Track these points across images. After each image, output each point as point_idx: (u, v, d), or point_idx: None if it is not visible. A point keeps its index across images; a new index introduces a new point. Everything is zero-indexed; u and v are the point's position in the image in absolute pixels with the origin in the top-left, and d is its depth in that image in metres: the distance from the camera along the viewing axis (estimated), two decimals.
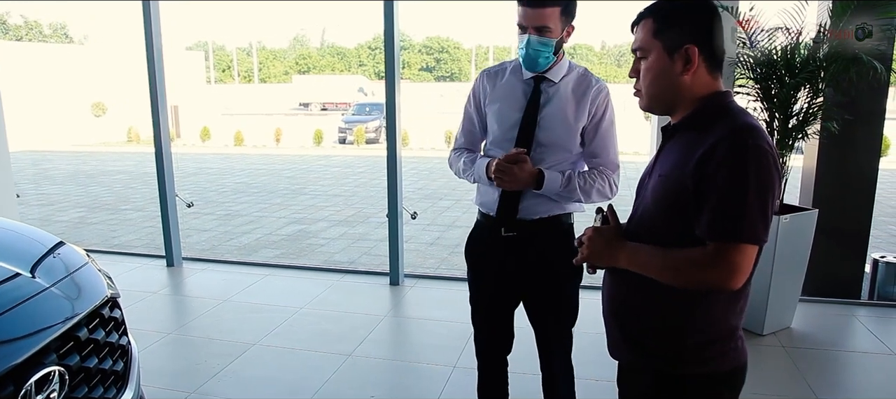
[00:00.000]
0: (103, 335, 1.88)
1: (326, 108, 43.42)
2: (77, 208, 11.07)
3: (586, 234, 1.62)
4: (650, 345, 1.57)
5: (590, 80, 2.29)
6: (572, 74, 2.30)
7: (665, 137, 1.60)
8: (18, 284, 1.76)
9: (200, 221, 9.46)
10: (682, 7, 1.51)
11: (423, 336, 4.27)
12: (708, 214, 1.39)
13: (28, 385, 1.47)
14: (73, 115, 28.84)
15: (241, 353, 3.90)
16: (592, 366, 3.60)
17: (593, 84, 2.28)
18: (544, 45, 2.17)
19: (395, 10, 4.76)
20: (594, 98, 2.26)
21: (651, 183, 1.57)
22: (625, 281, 1.57)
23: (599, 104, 2.27)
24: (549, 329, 2.46)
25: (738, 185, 1.37)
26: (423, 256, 7.31)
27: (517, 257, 2.34)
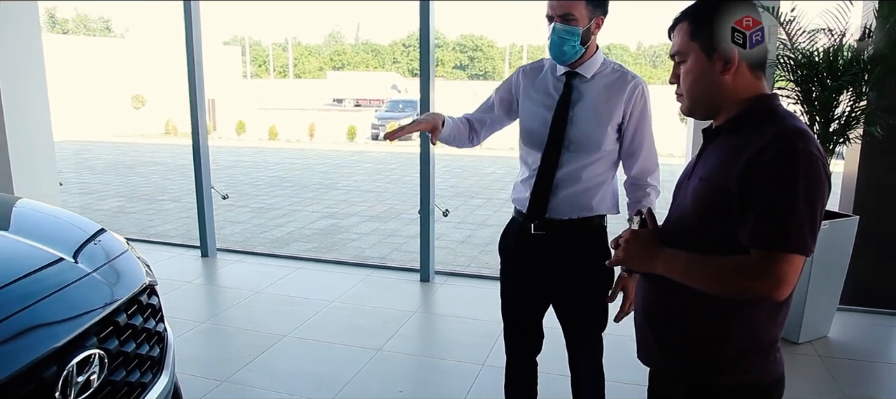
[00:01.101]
0: (141, 321, 1.91)
1: (360, 105, 43.68)
2: (116, 198, 11.30)
3: (624, 237, 1.58)
4: (685, 352, 1.54)
5: (625, 77, 2.24)
6: (607, 70, 2.26)
7: (706, 140, 1.57)
8: (62, 269, 1.81)
9: (235, 214, 9.59)
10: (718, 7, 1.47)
11: (452, 333, 4.28)
12: (754, 221, 1.35)
13: (70, 366, 1.51)
14: (113, 106, 29.48)
15: (273, 344, 3.95)
16: (624, 368, 3.57)
17: (629, 80, 2.23)
18: (569, 34, 2.13)
19: (431, 10, 4.78)
20: (631, 95, 2.21)
21: (691, 186, 1.53)
22: (660, 285, 1.53)
23: (637, 101, 2.22)
24: (578, 332, 2.44)
25: (787, 192, 1.32)
26: (453, 254, 7.32)
27: (546, 257, 2.32)
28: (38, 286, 1.69)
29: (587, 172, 2.23)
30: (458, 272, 5.56)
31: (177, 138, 25.05)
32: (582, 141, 2.21)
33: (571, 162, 2.22)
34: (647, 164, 2.30)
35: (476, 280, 5.27)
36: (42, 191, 5.23)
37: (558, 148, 2.22)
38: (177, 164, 16.10)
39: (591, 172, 2.24)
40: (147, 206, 10.50)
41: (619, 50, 77.31)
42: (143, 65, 32.20)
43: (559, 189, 2.24)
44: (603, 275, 2.33)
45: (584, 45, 2.18)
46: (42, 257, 1.84)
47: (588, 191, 2.25)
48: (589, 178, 2.24)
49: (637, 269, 1.61)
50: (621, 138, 2.27)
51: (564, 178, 2.23)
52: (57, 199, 5.60)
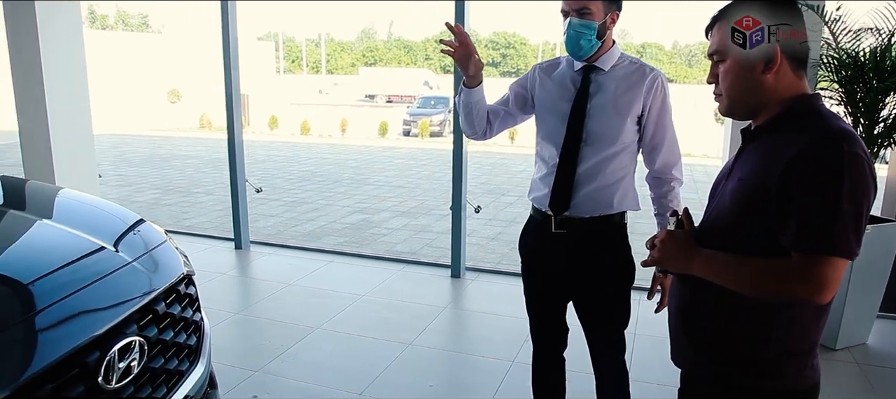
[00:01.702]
0: (179, 310, 1.94)
1: (392, 101, 43.78)
2: (152, 190, 11.50)
3: (659, 237, 1.55)
4: (721, 355, 1.51)
5: (643, 70, 2.23)
6: (624, 63, 2.25)
7: (745, 140, 1.54)
8: (104, 257, 1.84)
9: (267, 207, 9.69)
10: None
11: (482, 329, 4.28)
12: (796, 224, 1.31)
13: (112, 352, 1.54)
14: (150, 100, 30.02)
15: (304, 336, 3.98)
16: (655, 369, 3.55)
17: (647, 73, 2.22)
18: (585, 27, 2.13)
19: (466, 9, 4.79)
20: (649, 88, 2.20)
21: (729, 187, 1.50)
22: (695, 287, 1.50)
23: (657, 94, 2.21)
24: (600, 330, 2.42)
25: (831, 194, 1.28)
26: (484, 251, 7.31)
27: (568, 254, 2.31)
28: (80, 274, 1.73)
29: (608, 167, 2.22)
30: (489, 269, 5.55)
31: (211, 132, 25.38)
32: (601, 134, 2.20)
33: (591, 156, 2.21)
34: (670, 156, 2.29)
35: (507, 277, 5.26)
36: (82, 182, 5.34)
37: (577, 142, 2.22)
38: (211, 158, 16.32)
39: (612, 167, 2.23)
40: (182, 198, 10.66)
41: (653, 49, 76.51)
42: (180, 60, 32.76)
43: (580, 186, 2.23)
44: (624, 273, 2.33)
45: (600, 40, 2.18)
46: (84, 246, 1.88)
47: (609, 187, 2.24)
48: (610, 174, 2.23)
49: (673, 270, 1.57)
50: (642, 132, 2.26)
51: (585, 173, 2.22)
52: (96, 190, 5.72)
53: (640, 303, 4.42)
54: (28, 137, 5.26)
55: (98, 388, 1.50)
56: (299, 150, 19.15)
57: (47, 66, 5.05)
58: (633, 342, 3.84)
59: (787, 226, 1.33)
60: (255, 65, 33.13)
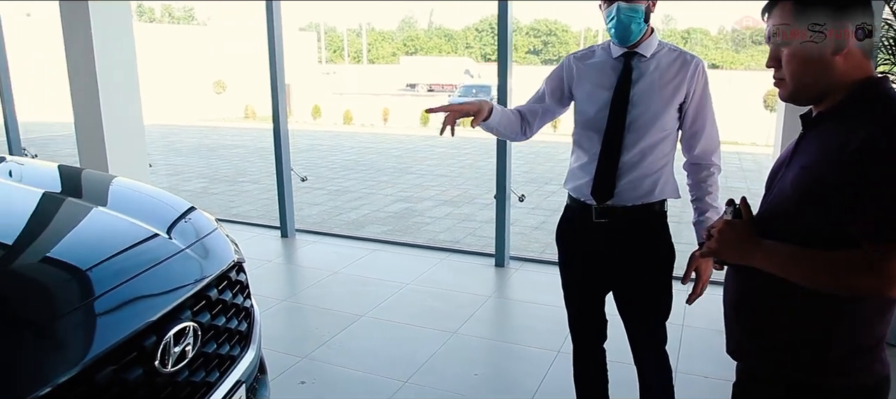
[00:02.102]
0: (230, 296, 1.97)
1: (433, 90, 43.85)
2: (200, 179, 11.73)
3: (716, 227, 1.49)
4: (784, 351, 1.45)
5: (685, 57, 2.22)
6: (664, 50, 2.23)
7: (806, 127, 1.47)
8: (158, 244, 1.88)
9: (312, 196, 9.80)
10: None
11: (527, 319, 4.26)
12: (867, 214, 1.25)
13: (167, 337, 1.57)
14: (196, 92, 30.62)
15: (350, 323, 4.02)
16: (702, 362, 3.49)
17: (689, 60, 2.21)
18: (634, 11, 2.11)
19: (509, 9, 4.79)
20: (693, 74, 2.19)
21: (790, 175, 1.43)
22: (753, 279, 1.44)
23: (699, 80, 2.20)
24: (641, 321, 2.39)
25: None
26: (527, 240, 7.27)
27: (608, 244, 2.28)
28: (136, 260, 1.77)
29: (651, 155, 2.21)
30: (533, 258, 5.52)
31: (255, 122, 25.77)
32: (645, 121, 2.18)
33: (634, 144, 2.19)
34: (709, 143, 2.27)
35: (551, 266, 5.22)
36: (134, 171, 5.47)
37: (620, 130, 2.19)
38: (256, 148, 16.56)
39: (655, 155, 2.21)
40: (228, 187, 10.85)
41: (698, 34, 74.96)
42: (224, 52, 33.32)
43: (623, 174, 2.21)
44: (665, 261, 2.31)
45: (647, 24, 2.17)
46: (139, 233, 1.93)
47: (652, 175, 2.22)
48: (652, 161, 2.21)
49: (730, 262, 1.51)
50: (682, 119, 2.24)
51: (628, 161, 2.20)
52: (147, 179, 5.85)
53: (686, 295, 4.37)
54: (83, 129, 5.41)
55: (155, 371, 1.53)
56: (342, 140, 19.31)
57: (100, 61, 5.20)
58: (681, 334, 3.78)
59: (857, 215, 1.27)
60: (298, 55, 33.51)
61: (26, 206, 2.03)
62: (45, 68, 17.99)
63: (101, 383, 1.39)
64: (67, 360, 1.37)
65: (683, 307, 4.17)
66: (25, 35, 21.84)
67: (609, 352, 2.59)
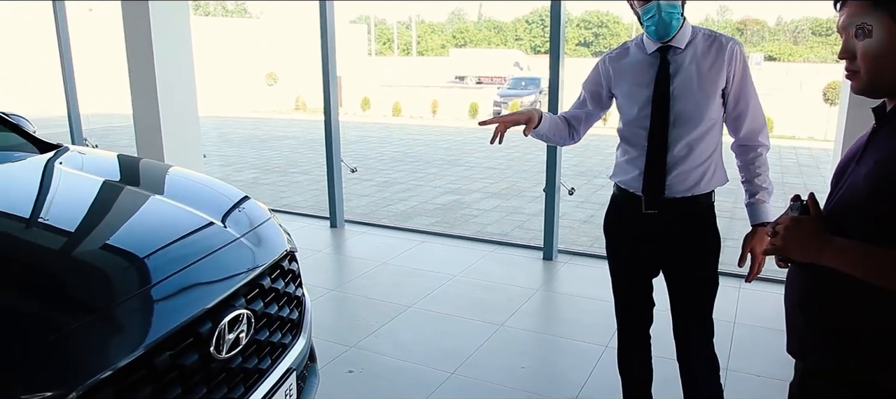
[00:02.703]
0: (282, 285, 2.01)
1: (482, 82, 43.75)
2: (251, 169, 11.97)
3: (783, 224, 1.43)
4: (852, 351, 1.39)
5: (720, 40, 2.18)
6: (699, 37, 2.19)
7: (881, 121, 1.40)
8: (214, 232, 1.93)
9: (360, 187, 9.90)
10: None
11: (575, 313, 4.22)
12: None
13: (222, 324, 1.61)
14: (249, 84, 31.21)
15: (398, 314, 4.05)
16: (755, 360, 3.41)
17: (726, 43, 2.17)
18: (674, 8, 2.09)
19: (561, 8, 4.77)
20: (730, 57, 2.15)
21: (863, 170, 1.37)
22: (820, 277, 1.39)
23: (737, 62, 2.17)
24: (688, 308, 2.37)
25: None
26: (576, 233, 7.21)
27: (656, 234, 2.28)
28: (192, 248, 1.83)
29: (698, 147, 2.19)
30: (581, 252, 5.47)
31: (306, 114, 26.15)
32: (688, 114, 2.16)
33: (680, 139, 2.18)
34: (755, 122, 2.23)
35: (599, 260, 5.16)
36: (189, 162, 5.62)
37: (665, 126, 2.18)
38: (306, 139, 16.82)
39: (702, 146, 2.19)
40: (279, 177, 11.05)
41: (754, 25, 72.99)
42: (276, 45, 33.85)
43: (671, 169, 2.20)
44: (712, 249, 2.31)
45: (683, 16, 2.16)
46: (195, 221, 1.98)
47: (699, 166, 2.21)
48: (700, 153, 2.20)
49: (798, 259, 1.45)
50: (726, 103, 2.21)
51: (676, 156, 2.19)
52: (202, 169, 6.00)
53: (740, 291, 4.28)
54: (141, 120, 5.59)
55: (210, 357, 1.57)
56: (391, 131, 19.45)
57: (158, 56, 5.37)
58: (732, 332, 3.70)
59: None
60: (348, 47, 33.84)
61: (87, 195, 2.11)
62: (106, 62, 18.58)
63: (159, 367, 1.43)
64: (128, 345, 1.41)
65: (735, 305, 4.09)
66: (88, 29, 22.60)
67: (654, 348, 2.57)
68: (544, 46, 29.27)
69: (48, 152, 2.41)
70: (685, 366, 2.43)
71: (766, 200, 2.27)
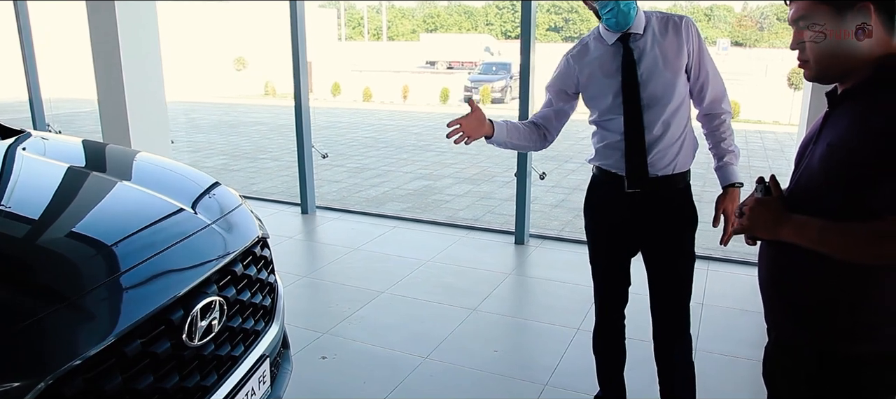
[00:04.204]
0: (255, 272, 1.99)
1: (452, 67, 43.56)
2: (220, 156, 11.82)
3: (748, 205, 1.53)
4: (816, 321, 1.48)
5: (674, 19, 2.27)
6: (653, 20, 2.26)
7: (833, 104, 1.48)
8: (184, 219, 1.90)
9: (331, 173, 9.84)
10: None
11: (547, 297, 4.26)
12: (890, 186, 1.28)
13: (195, 311, 1.59)
14: (217, 68, 30.73)
15: (370, 299, 4.05)
16: (722, 341, 3.48)
17: (680, 21, 2.26)
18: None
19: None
20: (687, 34, 2.24)
21: (818, 152, 1.45)
22: (787, 252, 1.47)
23: (693, 37, 2.26)
24: (667, 279, 2.43)
25: None
26: (547, 218, 7.25)
27: (637, 211, 2.34)
28: (163, 234, 1.80)
29: (674, 123, 2.26)
30: (553, 236, 5.51)
31: (275, 99, 25.85)
32: (659, 94, 2.23)
33: (656, 119, 2.24)
34: (716, 91, 2.33)
35: (570, 244, 5.22)
36: (156, 148, 5.52)
37: (638, 109, 2.24)
38: (276, 125, 16.64)
39: (677, 121, 2.27)
40: (249, 164, 10.92)
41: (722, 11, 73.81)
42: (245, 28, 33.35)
43: (651, 149, 2.27)
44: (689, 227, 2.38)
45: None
46: (164, 207, 1.95)
47: (676, 141, 2.28)
48: (676, 129, 2.27)
49: (763, 237, 1.55)
50: (689, 77, 2.29)
51: (654, 137, 2.26)
52: (170, 156, 5.90)
53: (709, 273, 4.35)
54: (106, 105, 5.47)
55: (183, 344, 1.56)
56: (362, 117, 19.33)
57: (124, 38, 5.24)
58: (702, 312, 3.76)
59: (883, 188, 1.29)
60: (318, 32, 33.48)
61: (52, 181, 2.06)
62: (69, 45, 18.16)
63: (130, 356, 1.41)
64: (97, 333, 1.39)
65: (703, 287, 4.16)
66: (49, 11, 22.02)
67: (627, 330, 2.62)
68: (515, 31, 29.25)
69: (9, 138, 2.34)
70: (662, 345, 2.48)
71: (734, 162, 2.36)
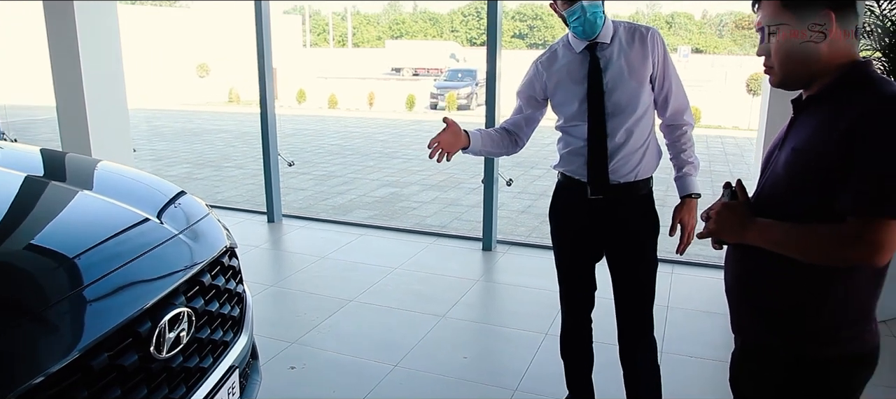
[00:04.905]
0: (223, 282, 1.97)
1: (418, 74, 43.63)
2: (184, 164, 11.64)
3: (714, 209, 1.57)
4: (781, 324, 1.52)
5: (641, 30, 2.31)
6: (621, 30, 2.31)
7: (797, 110, 1.53)
8: (150, 229, 1.87)
9: (298, 181, 9.76)
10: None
11: (514, 303, 4.29)
12: (853, 188, 1.32)
13: (162, 323, 1.57)
14: (180, 75, 30.28)
15: (339, 308, 4.03)
16: (688, 342, 3.54)
17: (646, 32, 2.30)
18: (597, 7, 2.20)
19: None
20: (653, 44, 2.29)
21: (782, 157, 1.50)
22: (753, 256, 1.51)
23: (659, 49, 2.30)
24: (630, 291, 2.46)
25: (889, 158, 1.28)
26: (514, 224, 7.30)
27: (600, 218, 2.38)
28: (128, 245, 1.76)
29: (636, 131, 2.30)
30: (520, 242, 5.54)
31: (240, 106, 25.54)
32: (624, 103, 2.27)
33: (619, 127, 2.28)
34: (679, 103, 2.37)
35: (538, 250, 5.25)
36: (118, 156, 5.42)
37: (602, 117, 2.28)
38: (240, 132, 16.44)
39: (640, 130, 2.31)
40: (213, 172, 10.78)
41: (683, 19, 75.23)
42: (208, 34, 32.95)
43: (613, 156, 2.30)
44: (652, 232, 2.42)
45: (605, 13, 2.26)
46: (129, 217, 1.91)
47: (639, 149, 2.32)
48: (638, 137, 2.31)
49: (729, 241, 1.58)
50: (653, 87, 2.34)
51: (617, 144, 2.30)
52: (131, 164, 5.80)
53: (674, 276, 4.42)
54: (66, 112, 5.35)
55: (150, 357, 1.53)
56: (327, 124, 19.21)
57: (83, 43, 5.14)
58: (667, 315, 3.82)
59: (844, 191, 1.33)
60: (283, 38, 33.21)
61: (7, 191, 1.97)
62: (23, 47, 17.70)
63: (96, 370, 1.38)
64: (61, 348, 1.36)
65: (669, 290, 4.22)
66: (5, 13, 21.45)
67: (594, 334, 2.64)
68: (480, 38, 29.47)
69: None
70: (627, 348, 2.51)
71: (693, 173, 2.42)
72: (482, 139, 2.43)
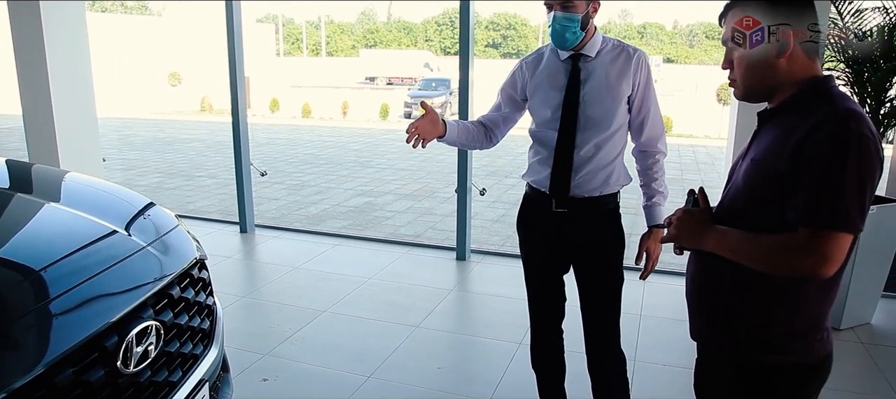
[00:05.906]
0: (193, 294, 1.95)
1: (392, 83, 43.62)
2: (155, 174, 11.50)
3: (676, 215, 1.62)
4: (735, 331, 1.55)
5: (628, 50, 2.32)
6: (608, 47, 2.32)
7: (761, 122, 1.58)
8: (118, 241, 1.84)
9: (271, 190, 9.69)
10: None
11: (489, 312, 4.29)
12: (803, 199, 1.36)
13: (129, 337, 1.54)
14: (151, 84, 29.92)
15: (312, 319, 4.00)
16: (659, 351, 3.57)
17: (632, 53, 2.31)
18: (569, 21, 2.20)
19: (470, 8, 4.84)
20: (636, 66, 2.29)
21: (743, 168, 1.54)
22: (711, 264, 1.55)
23: (642, 72, 2.31)
24: (596, 304, 2.47)
25: (837, 172, 1.32)
26: (488, 233, 7.32)
27: (566, 230, 2.39)
28: (95, 258, 1.73)
29: (605, 148, 2.31)
30: (494, 251, 5.56)
31: (212, 115, 25.34)
32: (597, 118, 2.28)
33: (588, 141, 2.29)
34: (654, 130, 2.38)
35: (511, 259, 5.27)
36: (86, 166, 5.34)
37: (573, 128, 2.29)
38: (212, 141, 16.30)
39: (609, 148, 2.32)
40: (185, 182, 10.66)
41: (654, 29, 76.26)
42: (180, 43, 32.61)
43: (579, 169, 2.31)
44: (617, 246, 2.43)
45: (584, 30, 2.25)
46: (96, 230, 1.88)
47: (606, 166, 2.33)
48: (606, 154, 2.32)
49: (688, 247, 1.62)
50: (630, 109, 2.34)
51: (583, 157, 2.30)
52: (101, 174, 5.71)
53: (646, 284, 4.47)
54: (32, 122, 5.26)
55: (117, 371, 1.50)
56: (301, 133, 19.13)
57: (51, 50, 5.06)
58: (639, 324, 3.86)
59: (795, 202, 1.37)
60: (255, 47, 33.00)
61: None
62: None
63: (61, 386, 1.36)
64: (24, 364, 1.33)
65: (641, 298, 4.26)
66: None
67: (567, 343, 2.65)
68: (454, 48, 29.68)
69: None
70: (594, 360, 2.52)
71: (662, 204, 2.43)
72: (458, 130, 2.42)
